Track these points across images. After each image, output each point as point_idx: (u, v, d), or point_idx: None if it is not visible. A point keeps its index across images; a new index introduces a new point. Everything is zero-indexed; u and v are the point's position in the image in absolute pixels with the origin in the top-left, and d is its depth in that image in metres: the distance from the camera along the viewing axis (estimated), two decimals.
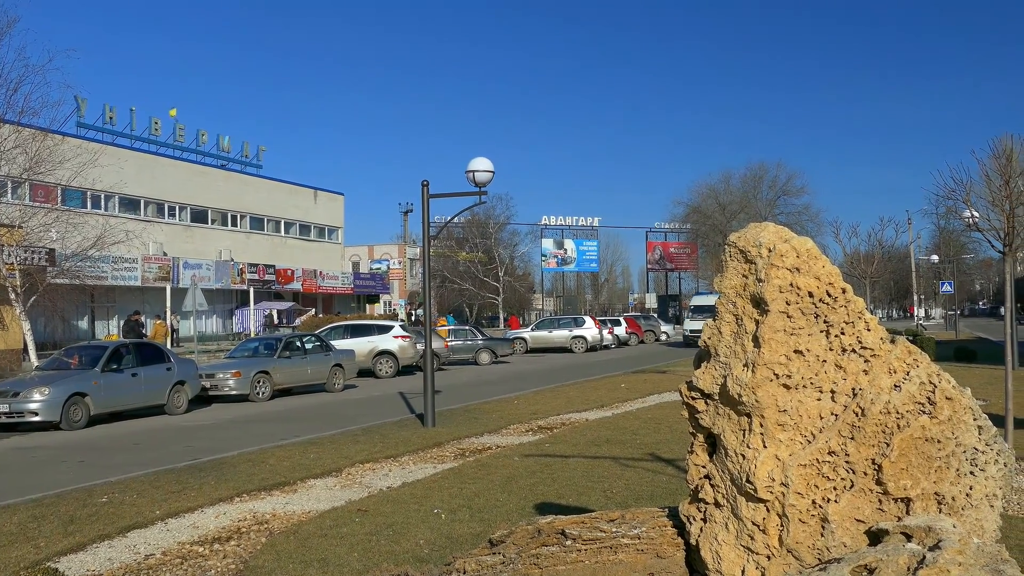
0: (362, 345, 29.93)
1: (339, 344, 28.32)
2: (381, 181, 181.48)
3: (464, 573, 5.12)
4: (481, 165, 16.51)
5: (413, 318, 59.18)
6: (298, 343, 25.59)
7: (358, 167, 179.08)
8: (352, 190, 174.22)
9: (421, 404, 16.97)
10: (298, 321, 50.61)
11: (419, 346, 28.62)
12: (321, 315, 54.39)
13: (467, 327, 42.86)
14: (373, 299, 70.97)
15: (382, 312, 68.54)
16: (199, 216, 56.01)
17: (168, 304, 44.84)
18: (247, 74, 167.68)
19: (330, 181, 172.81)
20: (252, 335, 45.30)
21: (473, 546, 6.45)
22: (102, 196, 46.81)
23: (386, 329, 31.90)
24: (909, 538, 4.23)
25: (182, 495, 10.44)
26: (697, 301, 53.45)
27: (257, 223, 61.38)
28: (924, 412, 4.51)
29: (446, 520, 8.73)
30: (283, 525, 8.88)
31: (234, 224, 59.10)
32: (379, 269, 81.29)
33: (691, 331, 47.89)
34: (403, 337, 31.01)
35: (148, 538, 8.59)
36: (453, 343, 36.03)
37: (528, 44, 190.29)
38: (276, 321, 51.09)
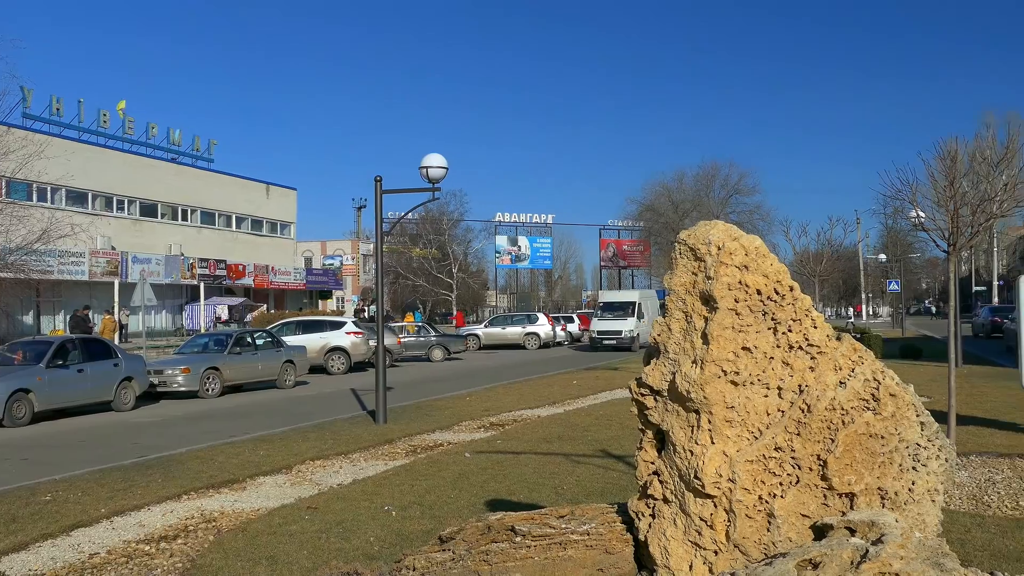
0: (314, 341, 29.73)
1: (291, 340, 28.10)
2: (335, 176, 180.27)
3: (414, 570, 5.10)
4: (434, 161, 16.48)
5: (366, 315, 58.79)
6: (249, 339, 25.35)
7: (311, 162, 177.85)
8: (305, 185, 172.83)
9: (373, 401, 16.90)
10: (249, 317, 50.11)
11: (372, 342, 28.50)
12: (273, 311, 53.93)
13: (420, 323, 42.78)
14: (326, 295, 70.47)
15: (335, 308, 68.08)
16: (148, 210, 55.17)
17: (116, 299, 44.14)
18: (199, 68, 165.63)
19: (283, 176, 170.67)
20: (202, 331, 44.76)
21: (424, 543, 6.43)
22: (48, 189, 45.86)
23: (338, 325, 31.73)
24: (853, 532, 4.29)
25: (128, 493, 10.30)
26: (606, 297, 47.85)
27: (208, 217, 60.63)
28: (868, 408, 4.58)
29: (397, 517, 8.70)
30: (231, 523, 8.80)
31: (184, 218, 58.31)
32: (332, 265, 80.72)
33: (599, 332, 42.54)
34: (355, 333, 30.86)
35: (93, 537, 8.46)
36: (406, 339, 35.92)
37: (482, 41, 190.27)
38: (227, 317, 50.56)
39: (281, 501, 9.79)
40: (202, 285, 52.02)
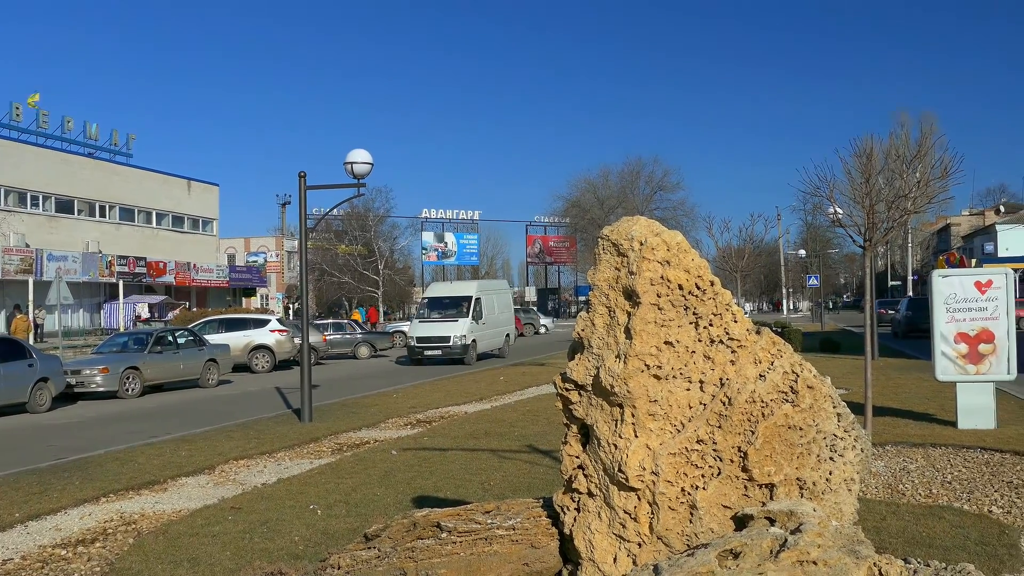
0: (237, 339, 29.30)
1: (213, 338, 27.65)
2: (258, 172, 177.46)
3: (339, 569, 5.07)
4: (359, 157, 16.36)
5: (291, 312, 58.11)
6: (170, 338, 24.87)
7: (234, 158, 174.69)
8: (228, 181, 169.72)
9: (298, 399, 16.71)
10: (171, 315, 49.15)
11: (296, 340, 28.19)
12: (195, 309, 52.97)
13: (346, 321, 42.40)
14: (250, 292, 69.47)
15: (259, 306, 67.14)
16: (64, 206, 53.73)
17: (31, 298, 42.94)
18: (116, 62, 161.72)
19: (205, 172, 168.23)
20: (122, 330, 43.77)
21: (349, 541, 6.38)
22: None
23: (262, 323, 31.33)
24: (773, 522, 4.37)
25: (44, 496, 10.02)
26: (433, 291, 36.12)
27: (127, 214, 59.27)
28: (787, 401, 4.68)
29: (322, 516, 8.62)
30: (152, 525, 8.62)
31: (102, 215, 56.92)
32: (256, 262, 79.55)
33: (419, 340, 31.60)
34: (280, 331, 30.50)
35: (6, 542, 8.22)
36: (331, 337, 35.59)
37: (407, 38, 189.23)
38: (147, 315, 49.52)
39: (204, 502, 9.63)
40: (121, 283, 50.90)
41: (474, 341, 31.80)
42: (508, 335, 35.93)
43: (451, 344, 31.00)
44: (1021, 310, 42.53)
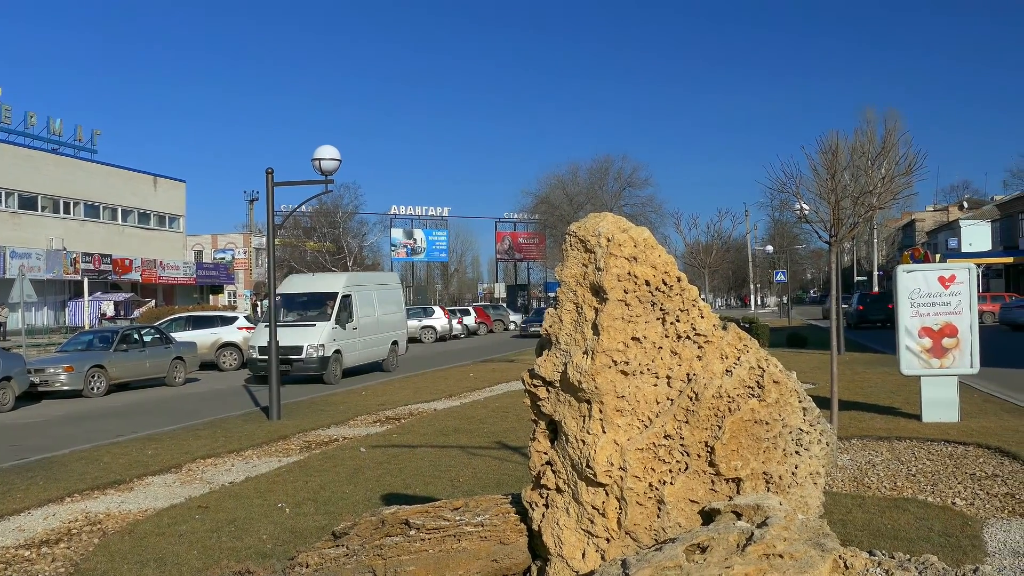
0: (205, 337, 29.08)
1: (180, 336, 27.41)
2: (226, 169, 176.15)
3: (307, 567, 5.04)
4: (327, 153, 16.28)
5: (259, 309, 57.70)
6: (136, 335, 24.62)
7: (201, 154, 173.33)
8: (195, 177, 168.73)
9: (266, 397, 16.62)
10: (137, 313, 48.69)
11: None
12: (162, 306, 52.49)
13: None
14: (217, 290, 68.95)
15: (226, 303, 66.67)
16: (28, 202, 53.00)
17: None
18: (80, 58, 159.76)
19: (171, 168, 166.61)
20: (87, 328, 43.31)
21: (318, 539, 6.35)
22: None
23: (230, 320, 31.10)
24: (739, 516, 4.41)
25: (7, 497, 9.89)
26: (290, 287, 26.71)
27: (92, 210, 58.58)
28: (753, 395, 4.71)
29: (290, 514, 8.58)
30: (118, 525, 8.54)
31: (67, 211, 56.20)
32: (223, 259, 79.00)
33: (262, 350, 21.98)
34: (248, 328, 30.28)
35: None
36: None
37: (376, 34, 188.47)
38: (113, 313, 49.02)
39: (170, 501, 9.54)
40: (86, 280, 50.29)
41: (338, 352, 24.10)
42: (396, 343, 27.68)
43: (303, 356, 23.33)
44: (984, 304, 43.24)
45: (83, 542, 7.96)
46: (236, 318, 31.62)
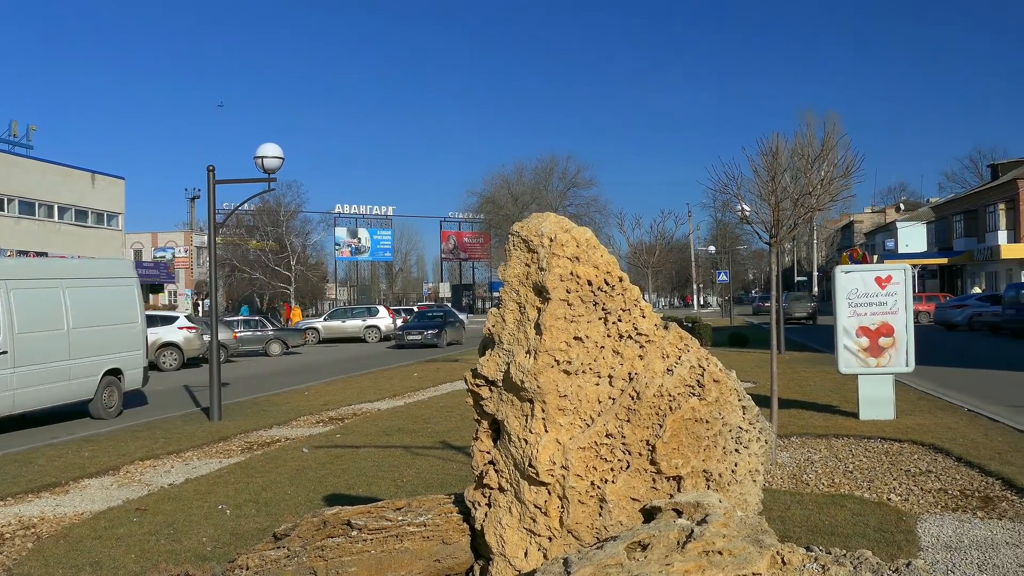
0: None
1: None
2: (166, 166, 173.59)
3: (247, 569, 4.99)
4: (270, 151, 16.12)
5: (200, 309, 56.94)
6: None
7: (140, 151, 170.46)
8: (134, 174, 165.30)
9: (207, 397, 16.40)
10: None
11: (206, 337, 27.65)
12: None
13: (257, 317, 41.75)
14: (157, 289, 67.91)
15: (166, 303, 65.69)
16: None
17: None
18: (16, 53, 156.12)
19: (110, 165, 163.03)
20: None
21: (258, 541, 6.29)
22: None
23: (170, 320, 30.67)
24: (680, 514, 4.45)
25: None
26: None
27: (27, 207, 57.25)
28: (694, 394, 4.76)
29: (231, 516, 8.48)
30: (52, 529, 8.37)
31: (0, 208, 54.94)
32: (163, 257, 77.86)
33: None
34: (188, 328, 29.90)
35: None
36: (242, 334, 35.00)
37: (318, 31, 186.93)
38: None
39: (108, 504, 9.38)
40: None
41: None
42: (117, 374, 17.49)
43: None
44: (919, 305, 44.19)
45: (16, 547, 7.79)
46: (176, 318, 31.20)
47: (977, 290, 53.99)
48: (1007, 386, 17.68)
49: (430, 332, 38.15)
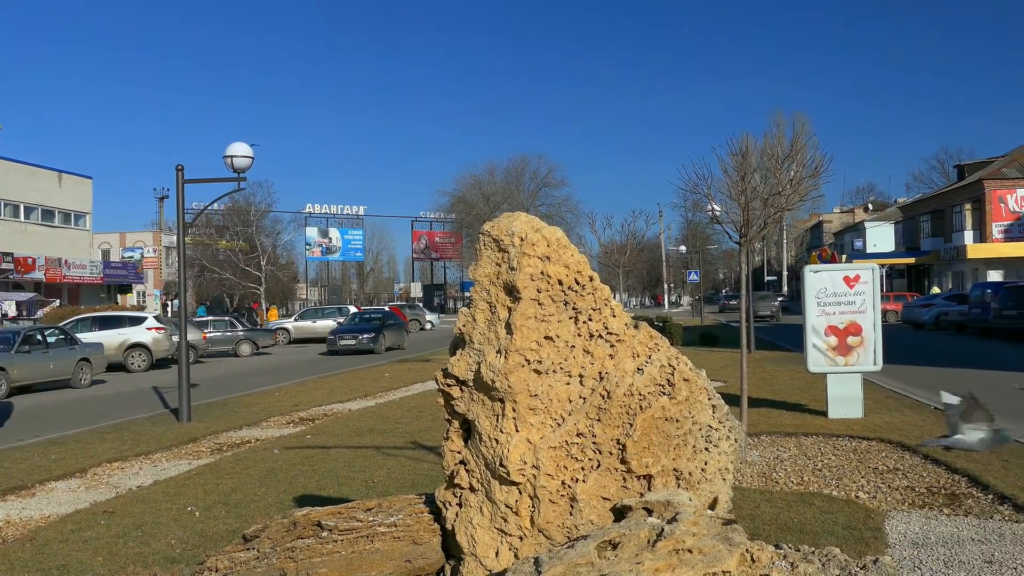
0: (112, 338, 28.39)
1: (87, 337, 26.69)
2: (135, 166, 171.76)
3: (216, 571, 4.96)
4: (239, 150, 16.01)
5: (170, 309, 56.48)
6: (39, 336, 23.88)
7: (109, 150, 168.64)
8: (102, 174, 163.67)
9: (176, 398, 16.27)
10: (40, 313, 47.17)
11: (175, 338, 27.45)
12: (67, 306, 50.97)
13: (226, 318, 41.47)
14: (125, 289, 67.26)
15: (135, 303, 65.08)
16: None
17: None
18: None
19: (77, 164, 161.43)
20: None
21: (228, 543, 6.25)
22: None
23: (138, 320, 30.41)
24: (650, 513, 4.47)
25: None
26: None
27: None
28: (664, 393, 4.78)
29: (200, 518, 8.41)
30: (18, 532, 8.26)
31: None
32: (132, 257, 77.11)
33: None
34: (157, 329, 29.66)
35: None
36: (212, 334, 34.77)
37: (289, 30, 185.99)
38: (15, 313, 47.42)
39: (75, 506, 9.27)
40: None
41: None
42: None
43: None
44: (887, 304, 44.64)
45: None
46: (145, 318, 30.95)
47: (936, 290, 54.69)
48: (972, 384, 17.86)
49: (366, 336, 34.87)
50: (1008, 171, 53.77)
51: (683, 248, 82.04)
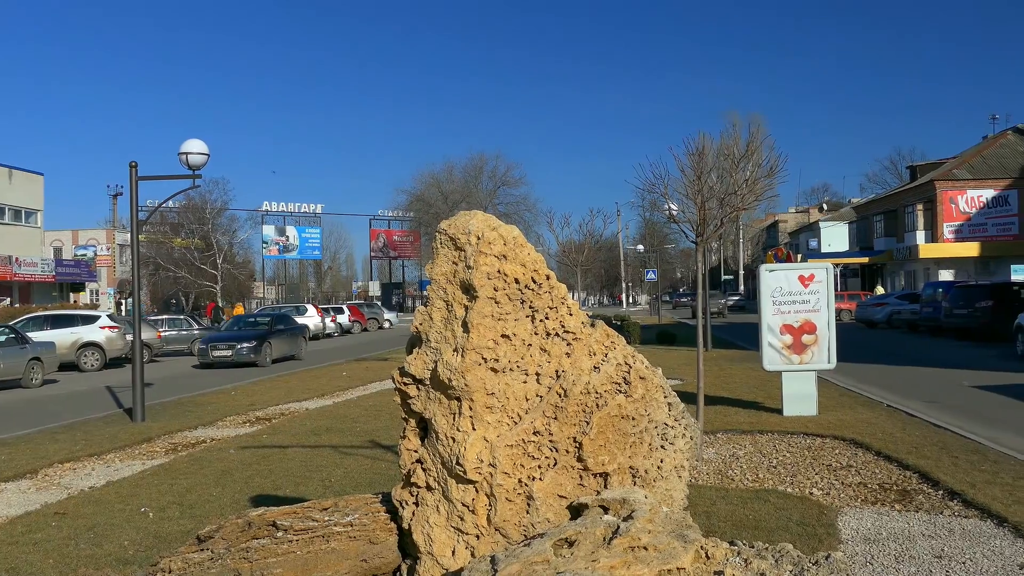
0: (64, 336, 27.96)
1: (38, 336, 26.25)
2: (88, 163, 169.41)
3: (170, 572, 4.90)
4: (195, 147, 15.84)
5: (124, 309, 55.72)
6: None
7: (61, 147, 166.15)
8: (54, 171, 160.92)
9: (130, 398, 16.06)
10: None
11: (129, 337, 27.10)
12: (18, 305, 50.11)
13: (182, 316, 41.02)
14: (78, 288, 66.26)
15: (88, 301, 64.15)
16: None
17: None
18: None
19: (28, 160, 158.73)
20: None
21: (182, 544, 6.18)
22: None
23: (91, 319, 29.99)
24: (606, 510, 4.49)
25: None
26: None
27: None
28: (620, 391, 4.80)
29: (154, 519, 8.32)
30: None
31: None
32: (85, 256, 75.99)
33: None
34: (110, 327, 29.26)
35: None
36: (167, 333, 34.37)
37: (245, 28, 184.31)
38: None
39: (25, 508, 9.12)
40: None
41: None
42: None
43: None
44: (841, 303, 45.26)
45: None
46: (98, 317, 30.54)
47: (880, 290, 55.58)
48: (924, 382, 18.19)
49: (245, 346, 28.01)
50: (959, 172, 54.67)
51: (641, 247, 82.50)
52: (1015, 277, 42.99)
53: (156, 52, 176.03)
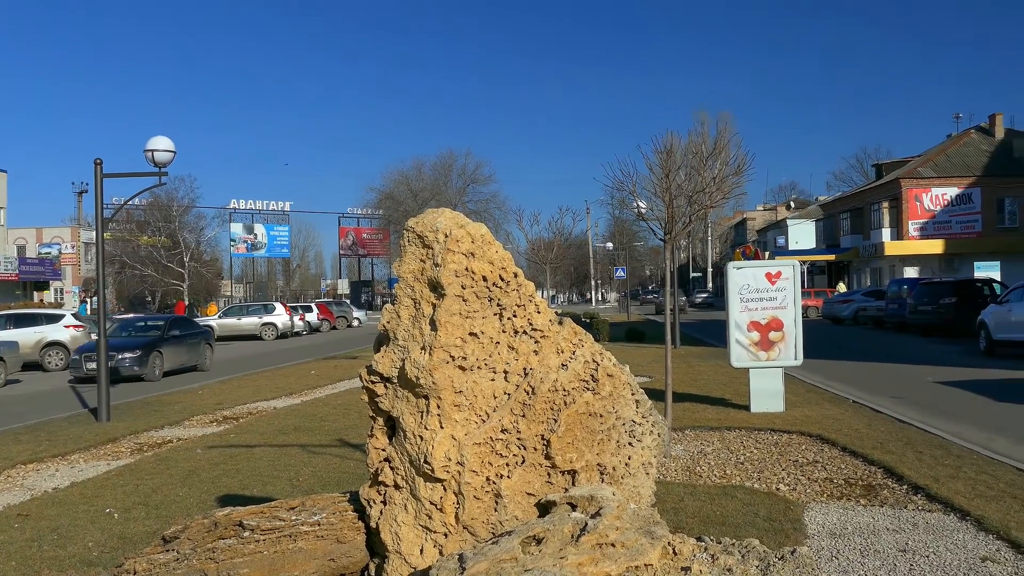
0: (28, 336, 27.62)
1: (1, 335, 25.96)
2: (52, 160, 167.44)
3: (135, 574, 4.85)
4: (161, 144, 15.68)
5: (88, 307, 55.07)
6: None
7: (24, 144, 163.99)
8: (17, 168, 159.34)
9: (95, 398, 15.89)
10: None
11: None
12: None
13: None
14: (42, 286, 65.50)
15: (51, 300, 63.39)
16: None
17: None
18: None
19: None
20: None
21: (147, 545, 6.12)
22: None
23: (55, 318, 29.64)
24: (574, 507, 4.49)
25: None
26: None
27: None
28: (588, 389, 4.81)
29: (119, 520, 8.23)
30: None
31: None
32: (49, 254, 75.11)
33: None
34: (75, 327, 28.94)
35: None
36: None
37: (216, 24, 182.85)
38: None
39: None
40: None
41: None
42: None
43: None
44: (808, 300, 45.65)
45: None
46: (62, 316, 30.16)
47: (842, 287, 56.18)
48: (889, 378, 18.38)
49: (128, 356, 22.93)
50: (924, 170, 55.30)
51: (610, 245, 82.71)
52: (978, 274, 43.59)
53: (122, 49, 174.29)
